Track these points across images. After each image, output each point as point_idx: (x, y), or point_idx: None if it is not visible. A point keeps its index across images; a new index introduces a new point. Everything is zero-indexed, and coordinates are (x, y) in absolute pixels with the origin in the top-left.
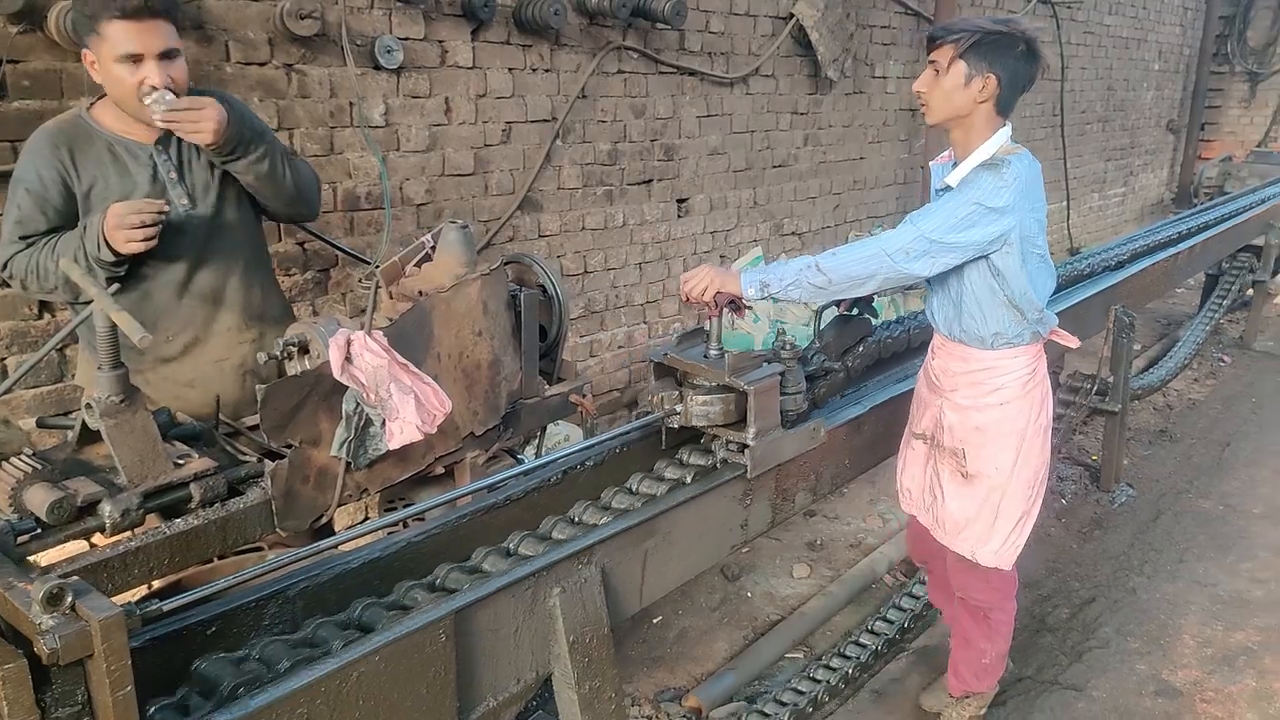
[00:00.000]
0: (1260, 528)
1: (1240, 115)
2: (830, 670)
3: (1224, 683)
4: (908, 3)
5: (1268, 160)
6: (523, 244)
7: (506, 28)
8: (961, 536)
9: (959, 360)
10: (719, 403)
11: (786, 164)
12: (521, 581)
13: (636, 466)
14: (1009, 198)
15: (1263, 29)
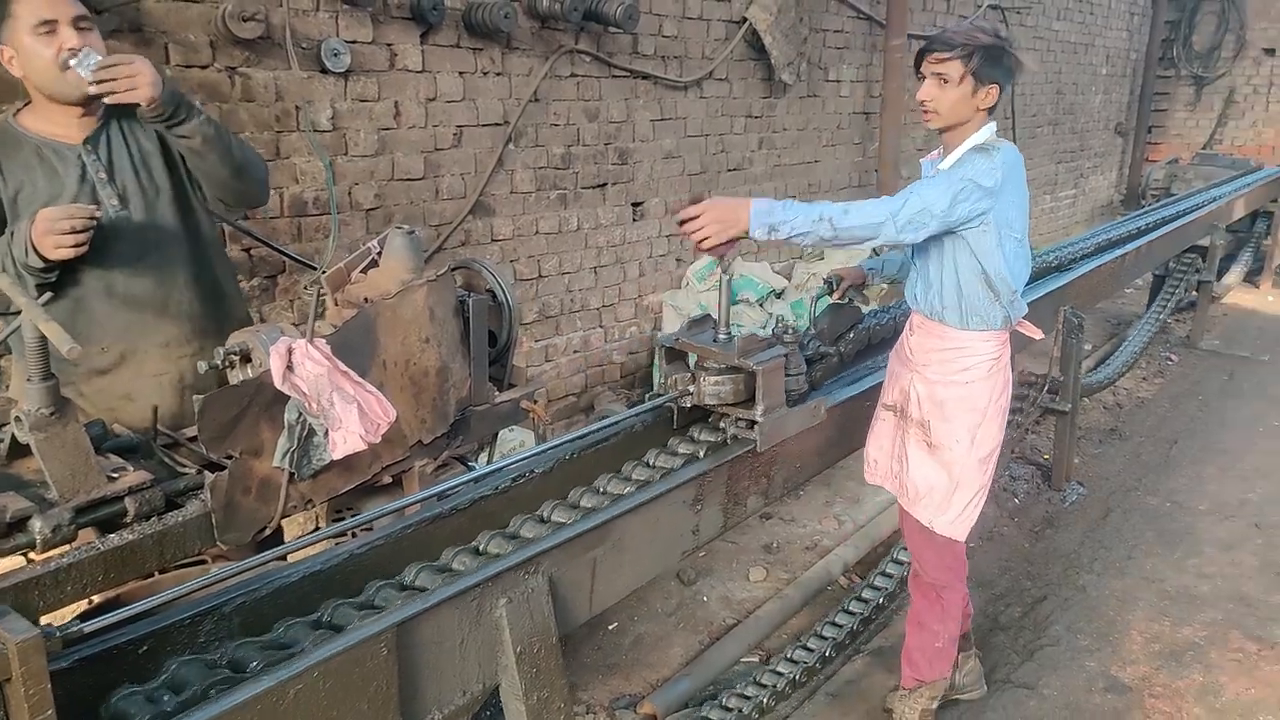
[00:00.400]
0: (1206, 524)
1: (1186, 118)
2: (778, 675)
3: (1171, 678)
4: (860, 7)
5: (1213, 163)
6: (475, 248)
7: (456, 31)
8: (922, 503)
9: (936, 338)
10: (729, 383)
11: (741, 167)
12: (466, 593)
13: (602, 467)
14: (998, 179)
15: (1207, 34)
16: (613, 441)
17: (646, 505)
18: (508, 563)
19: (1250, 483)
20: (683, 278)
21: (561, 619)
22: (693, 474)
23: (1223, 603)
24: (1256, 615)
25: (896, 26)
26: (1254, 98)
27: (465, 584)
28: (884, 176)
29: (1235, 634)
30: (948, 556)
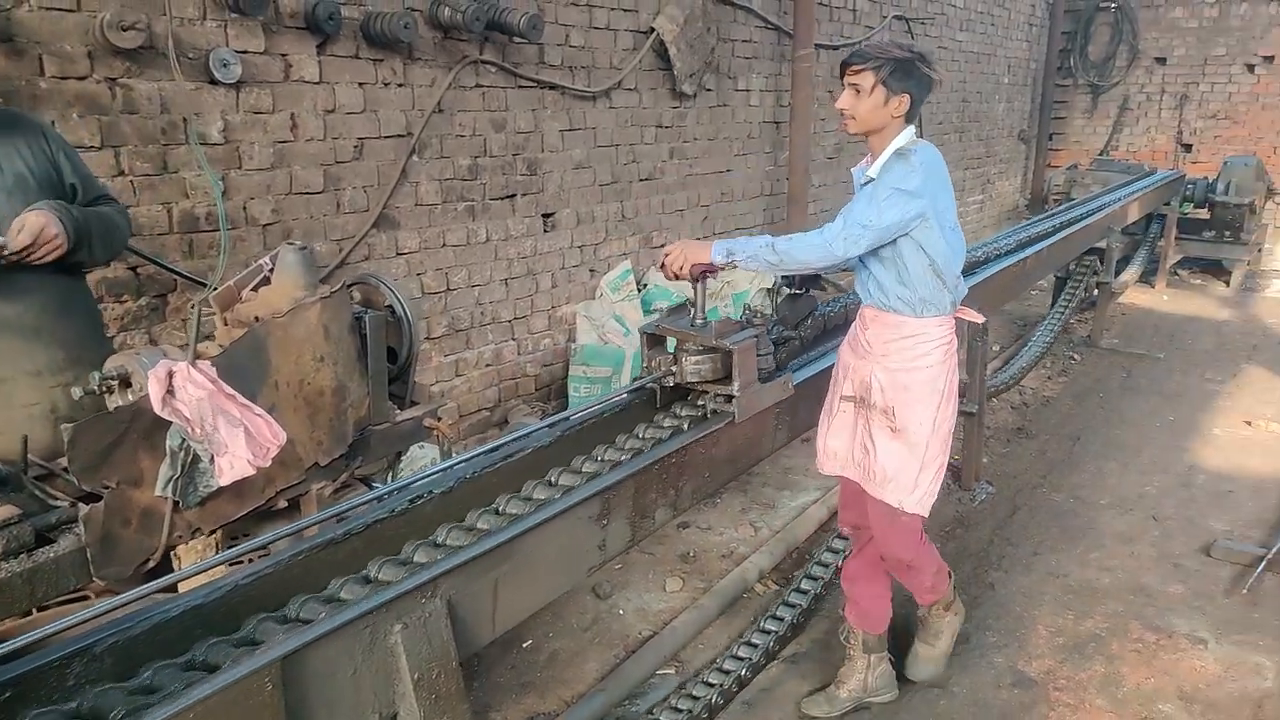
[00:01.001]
0: (1107, 518)
1: (1084, 125)
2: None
3: (1075, 670)
4: (768, 17)
5: (1109, 168)
6: (379, 263)
7: (355, 41)
8: (890, 486)
9: (892, 329)
10: (708, 362)
11: (653, 177)
12: (358, 621)
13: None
14: (918, 181)
15: (1102, 44)
16: (540, 450)
17: (549, 522)
18: (402, 588)
19: (1148, 476)
20: (596, 288)
21: (462, 642)
22: (596, 489)
23: (1123, 594)
24: (1155, 606)
25: (804, 37)
26: (1147, 105)
27: (355, 612)
28: (795, 185)
29: (1135, 625)
30: (911, 534)
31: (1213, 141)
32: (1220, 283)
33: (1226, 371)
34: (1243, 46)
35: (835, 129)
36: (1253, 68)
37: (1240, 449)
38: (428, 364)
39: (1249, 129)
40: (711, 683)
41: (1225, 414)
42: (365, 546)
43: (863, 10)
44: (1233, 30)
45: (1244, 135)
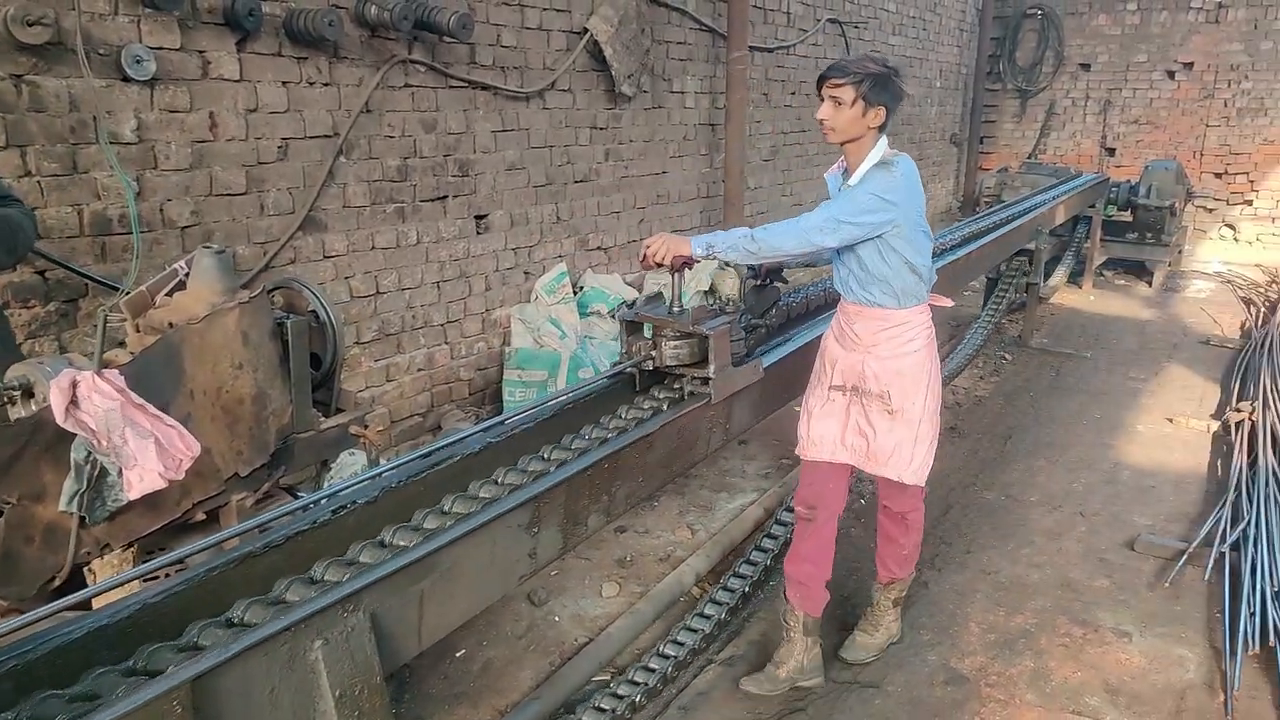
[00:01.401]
0: (1036, 515)
1: (1013, 129)
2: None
3: (1005, 666)
4: (702, 20)
5: (1038, 171)
6: (306, 266)
7: (277, 39)
8: (890, 463)
9: (878, 321)
10: (686, 346)
11: (588, 179)
12: (276, 638)
13: (437, 491)
14: (899, 192)
15: (1029, 50)
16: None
17: (476, 532)
18: (322, 602)
19: (1075, 473)
20: (531, 291)
21: (387, 656)
22: (526, 497)
23: (1051, 590)
24: (1081, 600)
25: (738, 39)
26: (1072, 110)
27: (272, 629)
28: (731, 187)
29: (1063, 619)
30: (913, 491)
31: (1135, 146)
32: (1143, 283)
33: (1149, 370)
34: (1163, 54)
35: (770, 131)
36: (1173, 74)
37: (1162, 445)
38: (357, 369)
39: (1169, 134)
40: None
41: (1148, 411)
42: (286, 560)
43: (797, 14)
44: (1153, 38)
45: (1164, 140)
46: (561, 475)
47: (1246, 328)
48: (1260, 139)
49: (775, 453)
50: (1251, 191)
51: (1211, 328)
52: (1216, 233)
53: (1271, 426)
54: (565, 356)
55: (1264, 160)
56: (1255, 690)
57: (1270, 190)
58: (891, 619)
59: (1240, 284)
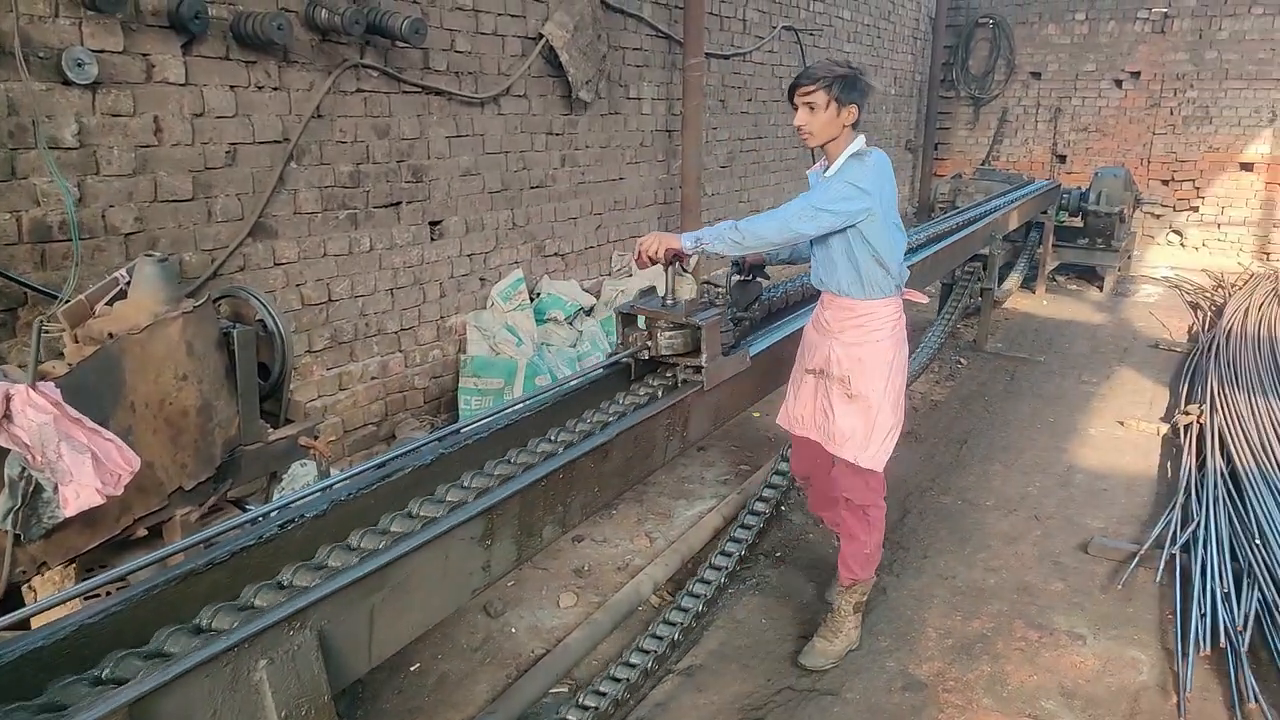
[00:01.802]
0: (992, 519)
1: (967, 136)
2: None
3: (963, 671)
4: (658, 26)
5: (991, 177)
6: (255, 273)
7: (224, 42)
8: (847, 445)
9: (846, 310)
10: (679, 337)
11: (545, 184)
12: (218, 658)
13: (390, 504)
14: (871, 181)
15: (981, 58)
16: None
17: (428, 545)
18: (267, 620)
19: (1030, 477)
20: (487, 298)
21: (335, 675)
22: (479, 509)
23: (1007, 594)
24: (1037, 604)
25: (694, 46)
26: (1024, 117)
27: (214, 649)
28: (688, 193)
29: (1019, 623)
30: (871, 482)
31: (1085, 153)
32: (1094, 288)
33: (1101, 374)
34: (1111, 63)
35: (727, 138)
36: (1120, 83)
37: (1114, 448)
38: (309, 378)
39: (1118, 141)
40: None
41: (1100, 414)
42: (231, 576)
43: (752, 20)
44: (1101, 47)
45: (1113, 147)
46: (515, 486)
47: (1194, 332)
48: (1205, 147)
49: (734, 459)
50: (1197, 198)
51: (1160, 332)
52: (1164, 238)
53: (1219, 429)
54: (522, 364)
55: (1209, 168)
56: (1207, 691)
57: (1215, 197)
58: (852, 625)
59: (1187, 289)
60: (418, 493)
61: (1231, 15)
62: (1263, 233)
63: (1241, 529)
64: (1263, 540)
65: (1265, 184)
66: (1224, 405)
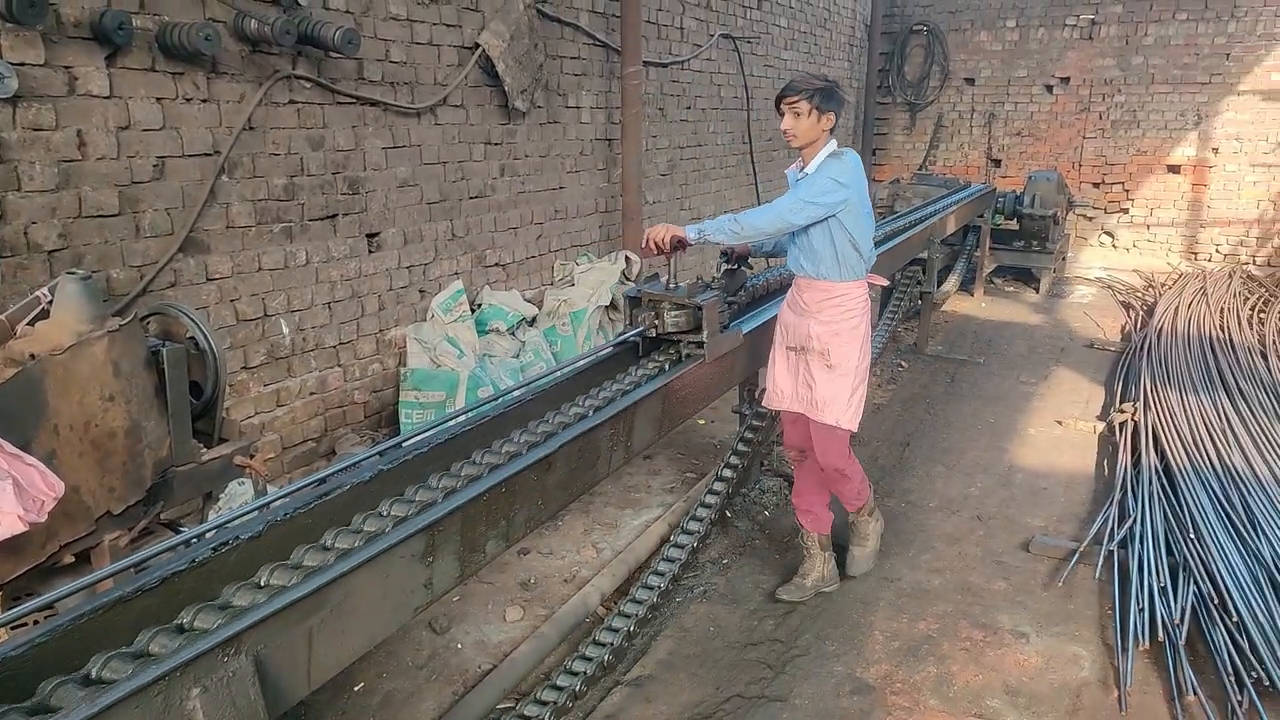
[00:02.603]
0: (935, 520)
1: (904, 141)
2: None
3: (910, 673)
4: (596, 35)
5: (928, 182)
6: (187, 289)
7: (150, 54)
8: (829, 409)
9: (823, 292)
10: (683, 316)
11: (484, 195)
12: (148, 688)
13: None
14: (848, 176)
15: (916, 65)
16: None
17: (368, 564)
18: (199, 647)
19: (972, 478)
20: (427, 310)
21: (273, 700)
22: (419, 526)
23: (952, 594)
24: (981, 604)
25: (632, 55)
26: (959, 123)
27: (143, 679)
28: (629, 202)
29: (964, 623)
30: (844, 445)
31: (1019, 157)
32: (1031, 289)
33: (1039, 374)
34: (1041, 68)
35: (667, 146)
36: (1051, 88)
37: (1053, 447)
38: (245, 395)
39: (1050, 145)
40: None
41: (1039, 414)
42: (163, 602)
43: (690, 29)
44: (1032, 53)
45: (1046, 151)
46: (456, 502)
47: (1127, 331)
48: (1133, 150)
49: (680, 467)
50: (1127, 200)
51: (1095, 331)
52: (1096, 240)
53: (1152, 426)
54: (464, 376)
55: (1137, 170)
56: (1147, 685)
57: (1144, 199)
58: (872, 527)
59: (1120, 289)
60: (357, 510)
61: (1156, 21)
62: (1190, 233)
63: (1176, 524)
64: (1196, 534)
65: (1191, 186)
66: (1157, 402)
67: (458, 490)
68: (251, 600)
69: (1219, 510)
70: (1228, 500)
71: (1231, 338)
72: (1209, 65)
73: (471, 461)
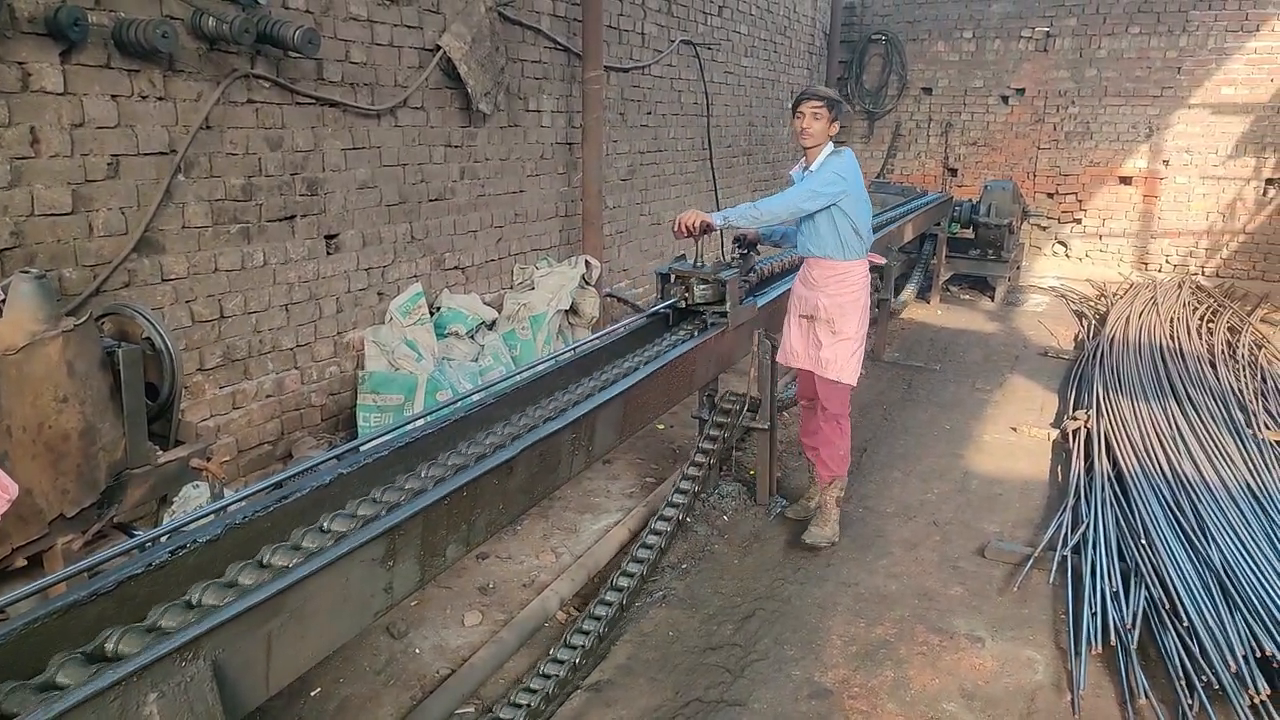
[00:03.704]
0: (893, 525)
1: (863, 149)
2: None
3: (867, 678)
4: (557, 39)
5: (886, 190)
6: (142, 290)
7: (106, 50)
8: (831, 367)
9: (829, 269)
10: (710, 288)
11: (444, 197)
12: (105, 693)
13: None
14: (848, 170)
15: (875, 74)
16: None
17: (328, 568)
18: (157, 652)
19: (928, 483)
20: (385, 313)
21: (231, 706)
22: (379, 530)
23: (909, 599)
24: (938, 609)
25: (593, 59)
26: (917, 131)
27: (100, 684)
28: (589, 206)
29: (920, 628)
30: (845, 396)
31: (975, 166)
32: (986, 298)
33: (994, 381)
34: (997, 79)
35: (627, 150)
36: (1006, 99)
37: (1008, 454)
38: (200, 397)
39: (1005, 155)
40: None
41: (994, 421)
42: (118, 606)
43: (651, 34)
44: (988, 64)
45: (1001, 161)
46: (417, 505)
47: (1080, 339)
48: (1086, 161)
49: (640, 471)
50: (1080, 211)
51: (1049, 340)
52: (1050, 249)
53: (1105, 433)
54: (422, 379)
55: (1090, 181)
56: (1100, 688)
57: (1097, 209)
58: (835, 516)
59: (1073, 298)
60: (316, 514)
61: (1110, 35)
62: (1141, 244)
63: (1128, 529)
64: (1148, 540)
65: (1143, 197)
66: (1109, 410)
67: (420, 493)
68: (211, 604)
69: (1170, 516)
70: (1178, 506)
71: (1181, 347)
72: (1160, 78)
73: (435, 464)
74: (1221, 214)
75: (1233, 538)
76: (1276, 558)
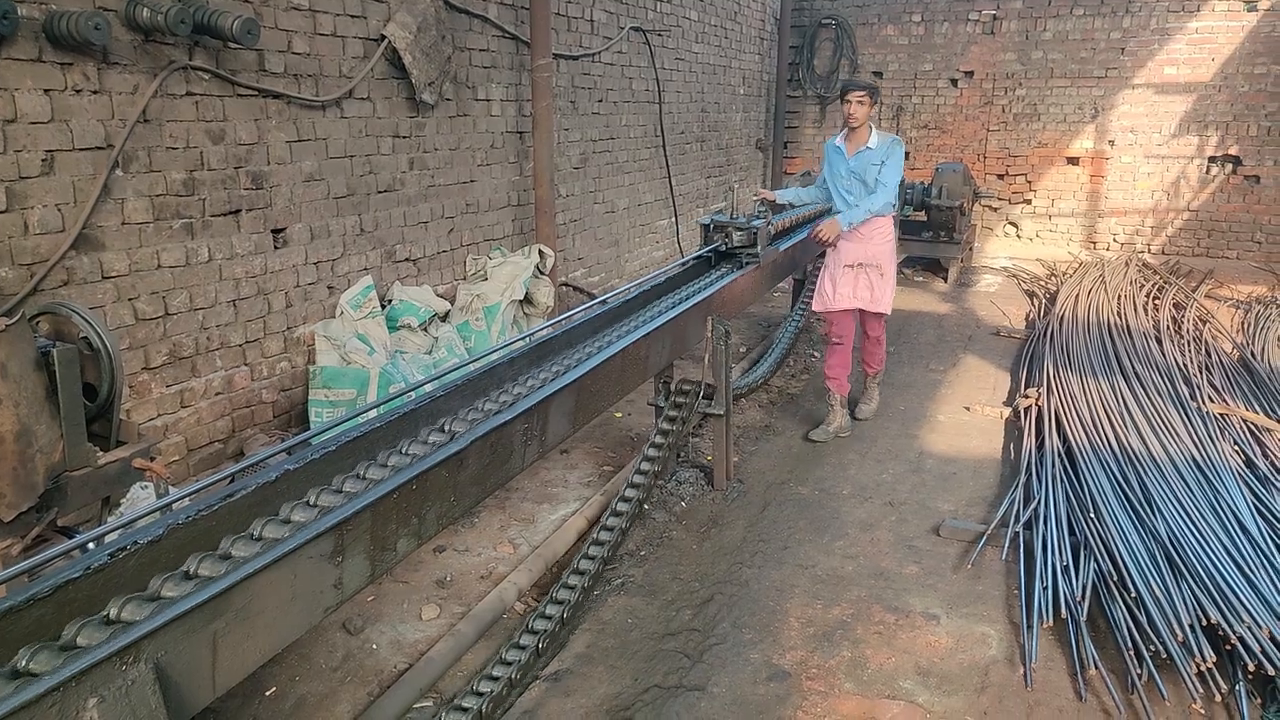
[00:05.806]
0: (849, 507)
1: (814, 134)
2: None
3: (825, 658)
4: (505, 27)
5: None
6: (81, 288)
7: (37, 43)
8: (882, 302)
9: (875, 226)
10: (745, 236)
11: (393, 189)
12: (42, 699)
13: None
14: (901, 152)
15: (825, 58)
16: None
17: (274, 565)
18: (96, 656)
19: (884, 464)
20: (336, 306)
21: (176, 709)
22: (327, 525)
23: (865, 579)
24: (893, 588)
25: (541, 47)
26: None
27: (36, 690)
28: (541, 195)
29: (877, 608)
30: (883, 321)
31: (926, 149)
32: (939, 279)
33: (947, 361)
34: (946, 63)
35: (579, 139)
36: (955, 82)
37: (961, 433)
38: (146, 396)
39: (955, 138)
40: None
41: (947, 401)
42: (56, 611)
43: (600, 21)
44: (937, 47)
45: (952, 144)
46: (366, 500)
47: (1031, 318)
48: (1034, 143)
49: (598, 460)
50: (1030, 191)
51: (1001, 319)
52: (1001, 230)
53: (1055, 411)
54: (374, 373)
55: (1039, 162)
56: (1051, 660)
57: (1046, 190)
58: (876, 395)
59: (1024, 278)
60: (263, 511)
61: (1055, 16)
62: (1089, 223)
63: (1078, 504)
64: (1096, 514)
65: (1090, 177)
66: (1059, 387)
67: (367, 488)
68: (151, 606)
69: (1117, 490)
70: (1125, 480)
71: (1129, 323)
72: (1105, 59)
73: (379, 462)
74: (1166, 193)
75: (1178, 509)
76: (1220, 528)
